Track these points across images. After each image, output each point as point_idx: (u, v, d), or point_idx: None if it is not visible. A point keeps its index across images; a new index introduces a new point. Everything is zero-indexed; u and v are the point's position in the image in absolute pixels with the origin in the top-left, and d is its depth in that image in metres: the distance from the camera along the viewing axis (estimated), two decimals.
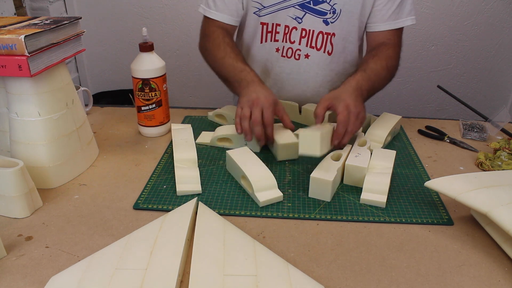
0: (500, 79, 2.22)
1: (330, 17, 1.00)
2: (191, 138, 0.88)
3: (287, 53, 1.08)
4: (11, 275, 0.58)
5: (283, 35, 1.06)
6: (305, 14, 1.02)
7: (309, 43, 1.05)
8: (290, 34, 1.05)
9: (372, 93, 0.95)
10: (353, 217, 0.71)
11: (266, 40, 1.08)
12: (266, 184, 0.75)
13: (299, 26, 1.03)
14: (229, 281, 0.54)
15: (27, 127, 0.74)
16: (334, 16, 1.00)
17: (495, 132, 1.00)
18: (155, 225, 0.64)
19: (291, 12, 1.02)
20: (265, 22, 1.06)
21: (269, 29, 1.06)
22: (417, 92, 2.25)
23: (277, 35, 1.07)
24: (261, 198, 0.73)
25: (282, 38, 1.06)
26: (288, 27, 1.04)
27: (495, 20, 2.06)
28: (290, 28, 1.04)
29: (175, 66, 2.24)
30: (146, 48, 0.91)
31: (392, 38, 1.04)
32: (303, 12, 1.02)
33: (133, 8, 2.14)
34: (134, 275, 0.54)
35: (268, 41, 1.08)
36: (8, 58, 0.68)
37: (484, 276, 0.59)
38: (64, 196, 0.76)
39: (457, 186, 0.67)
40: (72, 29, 0.80)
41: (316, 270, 0.60)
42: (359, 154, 0.80)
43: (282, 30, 1.05)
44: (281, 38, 1.06)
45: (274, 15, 1.04)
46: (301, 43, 1.06)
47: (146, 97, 0.94)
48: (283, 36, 1.06)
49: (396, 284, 0.57)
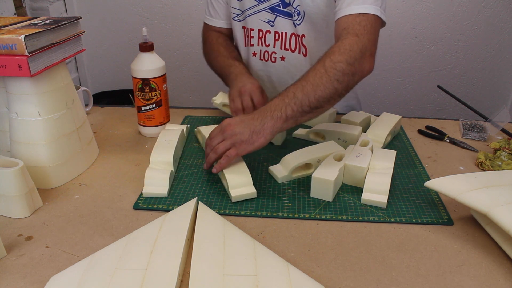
0: (500, 79, 2.22)
1: (296, 19, 1.00)
2: (174, 140, 0.86)
3: (264, 57, 1.09)
4: (11, 275, 0.58)
5: (258, 39, 1.07)
6: (276, 17, 1.02)
7: (283, 45, 1.05)
8: (264, 38, 1.06)
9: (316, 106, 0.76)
10: (353, 217, 0.71)
11: (245, 45, 1.11)
12: (240, 181, 0.75)
13: (272, 29, 1.04)
14: (229, 281, 0.54)
15: (27, 127, 0.74)
16: (300, 18, 0.99)
17: (495, 132, 1.00)
18: (155, 225, 0.64)
19: (264, 16, 1.03)
20: (245, 26, 1.08)
21: (246, 34, 1.09)
22: (417, 92, 2.25)
23: (251, 40, 1.08)
24: (234, 193, 0.74)
25: (257, 42, 1.08)
26: (261, 31, 1.05)
27: (495, 20, 2.06)
28: (264, 31, 1.05)
29: (175, 66, 2.24)
30: (146, 48, 0.92)
31: (351, 25, 0.82)
32: (274, 15, 1.02)
33: (133, 8, 2.14)
34: (134, 275, 0.54)
35: (247, 46, 1.11)
36: (8, 58, 0.68)
37: (484, 276, 0.59)
38: (64, 196, 0.76)
39: (457, 186, 0.67)
40: (72, 29, 0.80)
41: (316, 270, 0.60)
42: (359, 154, 0.80)
43: (256, 34, 1.07)
44: (256, 42, 1.08)
45: (248, 19, 1.06)
46: (275, 45, 1.06)
47: (146, 97, 0.94)
48: (257, 40, 1.08)
49: (396, 284, 0.57)
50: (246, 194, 0.75)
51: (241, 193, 0.74)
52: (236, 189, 0.75)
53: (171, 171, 0.79)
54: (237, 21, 1.08)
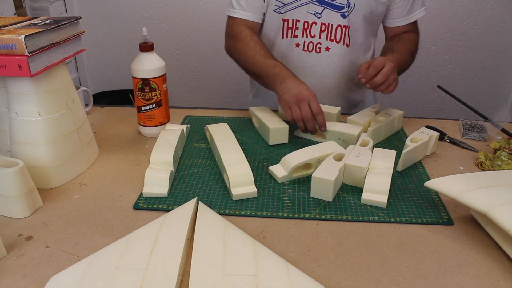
0: (500, 79, 2.22)
1: (346, 10, 1.06)
2: (174, 140, 0.86)
3: (308, 47, 1.12)
4: (11, 275, 0.58)
5: (303, 30, 1.10)
6: (324, 9, 1.06)
7: (328, 36, 1.10)
8: (310, 29, 1.09)
9: (399, 71, 1.03)
10: (353, 217, 0.71)
11: (287, 36, 1.12)
12: (242, 179, 0.76)
13: (318, 21, 1.08)
14: (229, 281, 0.54)
15: (27, 127, 0.74)
16: (349, 10, 1.06)
17: (495, 132, 1.00)
18: (155, 225, 0.64)
19: (311, 8, 1.07)
20: (286, 19, 1.10)
21: (289, 25, 1.10)
22: (417, 92, 2.25)
23: (296, 31, 1.11)
24: (235, 192, 0.75)
25: (301, 33, 1.10)
26: (307, 22, 1.08)
27: (495, 20, 2.06)
28: (310, 23, 1.08)
29: (175, 66, 2.24)
30: (146, 48, 0.92)
31: (410, 28, 1.14)
32: (321, 7, 1.06)
33: (133, 8, 2.14)
34: (134, 275, 0.54)
35: (288, 37, 1.12)
36: (8, 58, 0.68)
37: (483, 276, 0.59)
38: (64, 196, 0.76)
39: (457, 186, 0.67)
40: (72, 29, 0.80)
41: (316, 270, 0.60)
42: (359, 154, 0.80)
43: (301, 26, 1.10)
44: (301, 34, 1.10)
45: (294, 11, 1.08)
46: (321, 37, 1.10)
47: (146, 97, 0.94)
48: (302, 31, 1.10)
49: (396, 284, 0.57)
50: (247, 193, 0.75)
51: (242, 192, 0.75)
52: (237, 187, 0.75)
53: (171, 171, 0.79)
54: (278, 13, 1.09)
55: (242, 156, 0.80)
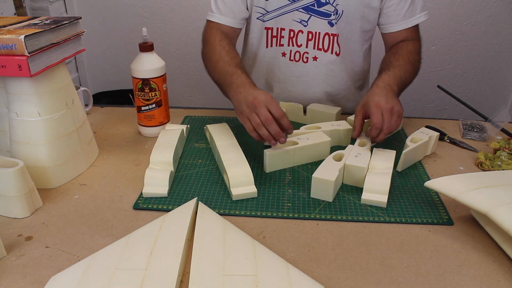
0: (500, 79, 2.22)
1: (333, 18, 1.00)
2: (174, 140, 0.86)
3: (294, 57, 1.08)
4: (11, 275, 0.58)
5: (288, 39, 1.06)
6: (310, 17, 1.02)
7: (316, 45, 1.05)
8: (296, 38, 1.05)
9: (402, 87, 0.97)
10: (353, 217, 0.71)
11: (271, 45, 1.08)
12: (242, 180, 0.76)
13: (305, 29, 1.03)
14: (229, 281, 0.54)
15: (27, 127, 0.74)
16: (337, 17, 1.01)
17: (495, 132, 1.00)
18: (155, 225, 0.64)
19: (296, 16, 1.02)
20: (270, 27, 1.05)
21: (274, 34, 1.06)
22: (417, 92, 2.25)
23: (282, 40, 1.06)
24: (235, 192, 0.75)
25: (287, 42, 1.06)
26: (293, 31, 1.04)
27: (495, 20, 2.06)
28: (296, 31, 1.04)
29: (175, 66, 2.24)
30: (146, 48, 0.92)
31: (410, 35, 1.04)
32: (308, 15, 1.01)
33: (133, 8, 2.14)
34: (134, 275, 0.54)
35: (273, 46, 1.08)
36: (8, 58, 0.68)
37: (484, 276, 0.59)
38: (64, 196, 0.76)
39: (457, 186, 0.67)
40: (72, 29, 0.80)
41: (316, 270, 0.60)
42: (359, 154, 0.80)
43: (287, 35, 1.05)
44: (287, 43, 1.06)
45: (278, 19, 1.04)
46: (308, 46, 1.05)
47: (146, 97, 0.94)
48: (288, 40, 1.06)
49: (396, 284, 0.57)
50: (247, 193, 0.75)
51: (242, 192, 0.75)
52: (237, 188, 0.75)
53: (171, 171, 0.79)
54: (261, 21, 1.05)
55: (242, 156, 0.80)
